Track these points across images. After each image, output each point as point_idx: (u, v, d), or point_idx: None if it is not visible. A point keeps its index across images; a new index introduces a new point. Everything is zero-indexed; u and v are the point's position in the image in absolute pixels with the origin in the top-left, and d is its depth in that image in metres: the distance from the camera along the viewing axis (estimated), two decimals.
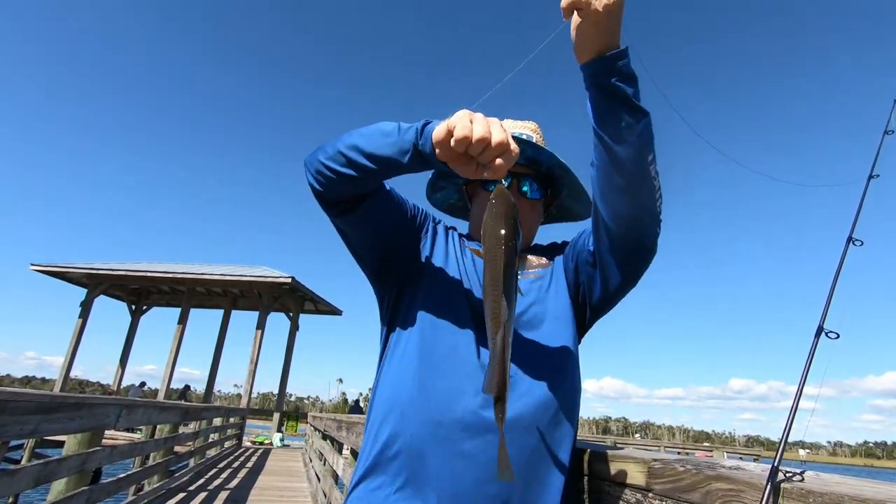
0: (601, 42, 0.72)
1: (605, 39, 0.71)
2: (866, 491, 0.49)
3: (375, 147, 0.80)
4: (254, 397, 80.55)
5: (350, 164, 0.83)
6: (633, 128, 0.75)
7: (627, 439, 35.41)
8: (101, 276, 15.92)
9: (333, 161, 0.84)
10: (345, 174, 0.84)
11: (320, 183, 0.88)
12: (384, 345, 0.98)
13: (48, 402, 2.33)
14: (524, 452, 0.80)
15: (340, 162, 0.83)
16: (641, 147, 0.76)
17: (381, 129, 0.82)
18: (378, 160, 0.80)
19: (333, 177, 0.85)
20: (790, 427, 0.68)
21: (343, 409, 69.09)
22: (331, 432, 5.44)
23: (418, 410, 0.82)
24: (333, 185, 0.87)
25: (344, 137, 0.85)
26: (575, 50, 0.75)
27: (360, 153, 0.81)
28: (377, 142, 0.80)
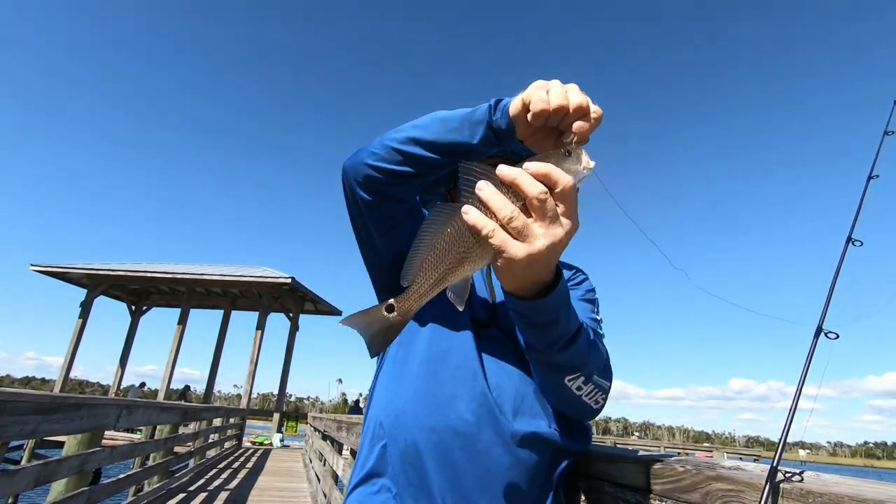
0: (520, 283, 0.64)
1: (527, 280, 0.63)
2: (866, 491, 0.49)
3: (437, 135, 0.74)
4: (254, 398, 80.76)
5: (408, 160, 0.77)
6: (543, 358, 0.72)
7: (627, 440, 35.40)
8: (101, 277, 15.93)
9: (385, 161, 0.78)
10: (401, 172, 0.78)
11: (369, 189, 0.81)
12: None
13: (48, 402, 2.33)
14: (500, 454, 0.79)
15: (395, 160, 0.77)
16: (558, 370, 0.73)
17: (438, 117, 0.76)
18: (442, 148, 0.74)
19: (386, 178, 0.79)
20: (789, 427, 0.68)
21: (343, 410, 69.17)
22: (331, 433, 5.43)
23: (412, 416, 0.81)
24: (385, 188, 0.80)
25: (392, 134, 0.79)
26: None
27: (420, 145, 0.75)
28: (438, 129, 0.75)
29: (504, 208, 0.57)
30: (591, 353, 0.72)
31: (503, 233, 0.57)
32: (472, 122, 0.72)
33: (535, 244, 0.57)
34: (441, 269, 0.63)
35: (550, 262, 0.61)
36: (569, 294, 0.68)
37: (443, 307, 0.91)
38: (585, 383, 0.73)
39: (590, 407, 0.77)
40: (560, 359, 0.70)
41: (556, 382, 0.74)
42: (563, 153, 0.62)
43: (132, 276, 15.97)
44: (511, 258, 0.58)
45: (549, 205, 0.56)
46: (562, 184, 0.57)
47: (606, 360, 0.77)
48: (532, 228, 0.57)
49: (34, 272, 15.86)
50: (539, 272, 0.62)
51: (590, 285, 0.97)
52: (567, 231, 0.58)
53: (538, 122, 0.64)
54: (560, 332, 0.68)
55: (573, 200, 0.58)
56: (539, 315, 0.66)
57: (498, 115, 0.70)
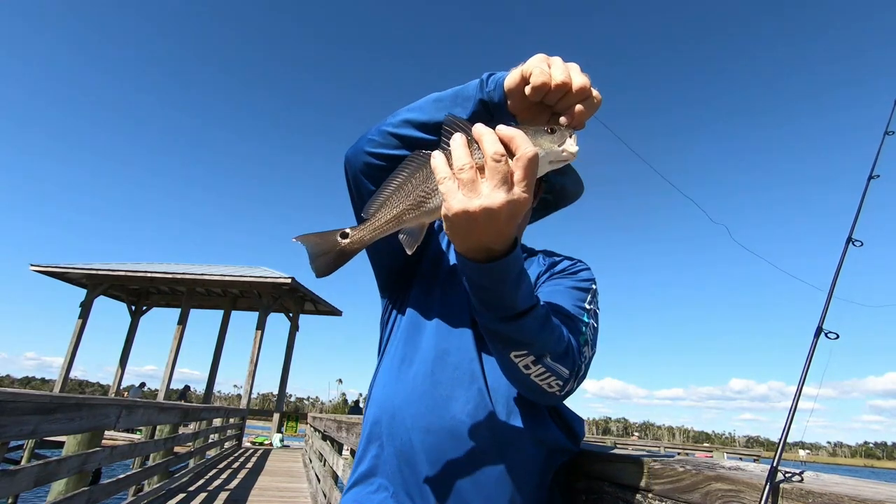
0: (471, 243, 0.61)
1: (478, 241, 0.60)
2: (865, 491, 0.49)
3: (430, 115, 0.73)
4: (254, 398, 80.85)
5: (404, 143, 0.76)
6: (486, 326, 0.70)
7: (627, 440, 35.40)
8: (101, 277, 15.92)
9: (383, 146, 0.78)
10: (398, 156, 0.76)
11: (371, 177, 0.81)
12: (382, 347, 0.99)
13: (48, 402, 2.33)
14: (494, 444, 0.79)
15: (392, 144, 0.77)
16: (503, 343, 0.70)
17: (432, 98, 0.76)
18: (436, 128, 0.72)
19: (386, 164, 0.77)
20: (789, 427, 0.68)
21: (343, 410, 69.11)
22: (331, 433, 5.43)
23: (409, 416, 0.81)
24: (386, 175, 0.80)
25: (389, 119, 0.79)
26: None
27: (415, 126, 0.75)
28: (431, 109, 0.74)
29: (460, 159, 0.57)
30: (543, 334, 0.69)
31: (451, 182, 0.57)
32: (464, 97, 0.71)
33: (473, 202, 0.56)
34: (400, 208, 0.64)
35: (491, 230, 0.58)
36: (521, 271, 0.65)
37: (445, 306, 0.91)
38: (535, 363, 0.70)
39: (542, 389, 0.73)
40: (504, 330, 0.67)
41: (504, 356, 0.71)
42: (545, 129, 0.61)
43: (132, 276, 15.97)
44: (448, 209, 0.57)
45: (500, 167, 0.55)
46: (522, 151, 0.56)
47: (567, 348, 0.73)
48: (478, 185, 0.56)
49: (34, 272, 15.86)
50: (481, 236, 0.59)
51: (588, 275, 0.96)
52: (510, 200, 0.56)
53: (537, 96, 0.62)
54: (504, 304, 0.65)
55: (529, 172, 0.56)
56: (480, 278, 0.64)
57: (491, 88, 0.68)
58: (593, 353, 0.84)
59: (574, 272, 0.96)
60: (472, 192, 0.56)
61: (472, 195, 0.56)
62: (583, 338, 0.80)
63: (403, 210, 0.64)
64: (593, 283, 0.94)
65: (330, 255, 0.70)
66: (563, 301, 0.85)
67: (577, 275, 0.95)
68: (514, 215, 0.57)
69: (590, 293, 0.91)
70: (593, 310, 0.89)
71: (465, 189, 0.56)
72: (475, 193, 0.56)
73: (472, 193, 0.56)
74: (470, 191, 0.56)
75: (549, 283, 0.93)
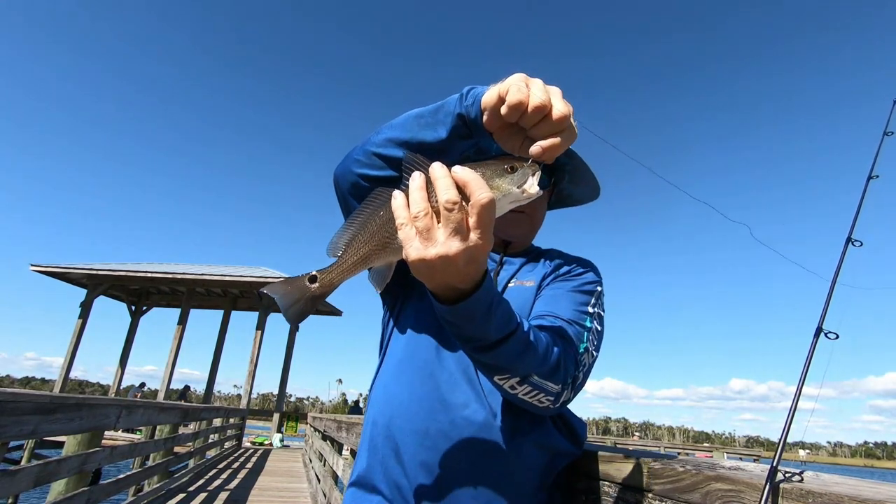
0: (440, 283, 0.60)
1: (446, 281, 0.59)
2: (865, 491, 0.49)
3: (412, 133, 0.72)
4: (254, 398, 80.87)
5: (389, 164, 0.75)
6: (466, 352, 0.70)
7: (627, 440, 35.40)
8: (101, 277, 15.92)
9: (369, 167, 0.77)
10: (384, 178, 0.76)
11: (359, 197, 0.80)
12: (383, 347, 0.99)
13: (48, 402, 2.33)
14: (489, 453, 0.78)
15: (376, 165, 0.76)
16: (484, 368, 0.70)
17: (413, 114, 0.74)
18: (418, 146, 0.71)
19: (369, 185, 0.77)
20: (789, 427, 0.68)
21: (343, 410, 69.14)
22: (331, 433, 5.43)
23: (407, 419, 0.81)
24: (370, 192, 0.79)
25: (372, 137, 0.78)
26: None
27: (397, 145, 0.73)
28: (412, 127, 0.73)
29: (416, 204, 0.55)
30: (525, 358, 0.68)
31: (409, 228, 0.55)
32: (444, 113, 0.69)
33: (429, 250, 0.54)
34: (366, 249, 0.63)
35: (451, 273, 0.56)
36: (491, 305, 0.63)
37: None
38: (520, 384, 0.70)
39: (533, 406, 0.73)
40: (481, 359, 0.68)
41: (489, 378, 0.71)
42: (504, 168, 0.59)
43: (132, 277, 15.96)
44: (406, 255, 0.56)
45: (454, 216, 0.53)
46: (476, 198, 0.53)
47: (557, 363, 0.71)
48: (433, 233, 0.54)
49: (34, 272, 15.85)
50: (444, 279, 0.58)
51: (592, 277, 0.94)
52: (465, 248, 0.54)
53: (512, 116, 0.59)
54: (476, 336, 0.65)
55: (485, 218, 0.54)
56: (448, 316, 0.63)
57: (469, 102, 0.66)
58: (595, 357, 0.83)
59: (578, 274, 0.95)
60: (427, 241, 0.54)
61: (428, 243, 0.54)
62: (583, 345, 0.79)
63: (369, 251, 0.63)
64: (598, 285, 0.93)
65: (301, 301, 0.68)
66: (566, 306, 0.85)
67: (581, 276, 0.94)
68: (472, 260, 0.56)
69: (594, 296, 0.90)
70: (597, 313, 0.88)
71: (421, 237, 0.55)
72: (430, 241, 0.54)
73: (427, 242, 0.54)
74: (425, 238, 0.54)
75: (552, 285, 0.92)
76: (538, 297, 0.91)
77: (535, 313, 0.86)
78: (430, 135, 0.71)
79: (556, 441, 0.83)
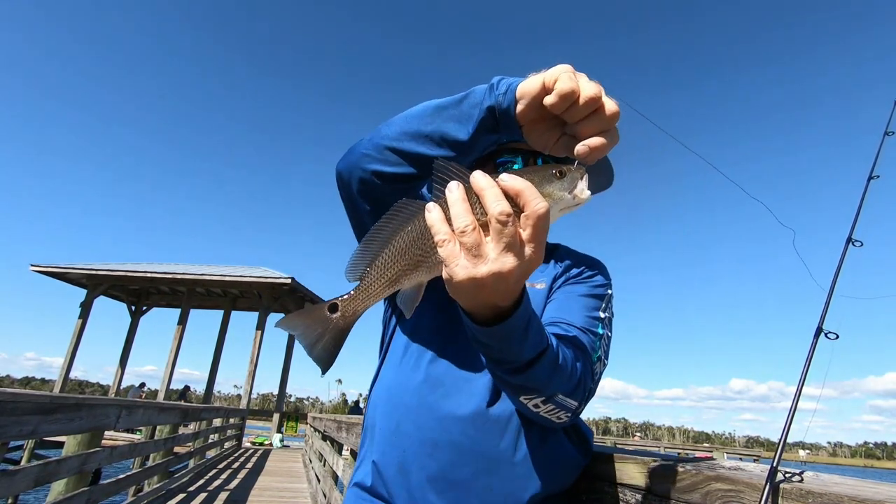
0: (475, 304, 0.56)
1: (481, 301, 0.55)
2: (865, 491, 0.49)
3: (433, 125, 0.66)
4: (254, 398, 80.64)
5: (405, 159, 0.69)
6: (494, 375, 0.68)
7: (627, 440, 35.37)
8: (101, 277, 15.91)
9: (381, 162, 0.71)
10: (397, 174, 0.70)
11: (367, 195, 0.75)
12: (384, 347, 0.95)
13: (47, 402, 2.33)
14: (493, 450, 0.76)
15: (390, 160, 0.70)
16: (511, 389, 0.68)
17: (432, 105, 0.68)
18: (438, 139, 0.66)
19: (383, 183, 0.72)
20: (789, 428, 0.68)
21: (343, 410, 69.06)
22: (331, 433, 5.43)
23: (413, 426, 0.78)
24: (384, 195, 0.72)
25: (383, 129, 0.71)
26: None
27: (414, 138, 0.67)
28: (432, 118, 0.66)
29: (461, 218, 0.50)
30: (554, 378, 0.66)
31: (453, 245, 0.50)
32: (469, 104, 0.64)
33: (479, 268, 0.50)
34: (395, 270, 0.56)
35: (499, 291, 0.52)
36: (528, 322, 0.60)
37: (451, 311, 0.87)
38: (545, 403, 0.68)
39: (549, 421, 0.72)
40: (511, 381, 0.65)
41: (512, 398, 0.70)
42: (552, 173, 0.54)
43: (132, 277, 15.96)
44: (451, 275, 0.51)
45: (508, 229, 0.48)
46: (531, 208, 0.49)
47: (578, 381, 0.70)
48: (483, 249, 0.50)
49: (34, 272, 15.84)
50: (488, 297, 0.54)
51: (601, 280, 0.91)
52: (520, 263, 0.50)
53: (559, 106, 0.53)
54: (510, 358, 0.62)
55: (541, 230, 0.50)
56: (485, 338, 0.60)
57: (501, 91, 0.60)
58: (605, 366, 0.81)
59: (589, 276, 0.92)
60: (476, 258, 0.50)
61: (478, 261, 0.50)
62: (595, 355, 0.77)
63: (398, 272, 0.56)
64: (608, 288, 0.91)
65: (326, 337, 0.60)
66: (578, 311, 0.82)
67: (592, 279, 0.91)
68: (525, 276, 0.52)
69: (604, 300, 0.88)
70: (607, 317, 0.86)
71: (469, 254, 0.50)
72: (481, 259, 0.50)
73: (476, 259, 0.50)
74: (474, 256, 0.50)
75: (563, 288, 0.90)
76: (548, 300, 0.88)
77: (546, 319, 0.83)
78: (454, 128, 0.65)
79: (567, 451, 0.81)
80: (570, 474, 0.82)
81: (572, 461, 0.82)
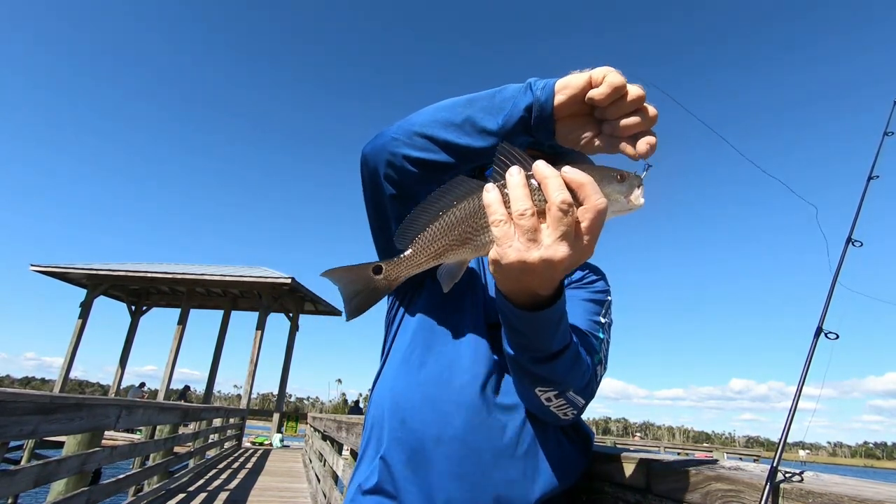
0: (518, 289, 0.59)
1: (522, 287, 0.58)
2: (865, 491, 0.49)
3: (467, 113, 0.67)
4: (253, 398, 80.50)
5: (437, 145, 0.69)
6: (517, 363, 0.69)
7: (627, 440, 35.38)
8: (101, 277, 15.91)
9: (411, 147, 0.71)
10: (424, 160, 0.70)
11: (392, 180, 0.75)
12: (387, 347, 0.95)
13: (47, 402, 2.33)
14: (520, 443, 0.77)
15: (419, 145, 0.70)
16: (531, 379, 0.69)
17: (463, 98, 0.69)
18: (469, 128, 0.66)
19: (411, 168, 0.72)
20: (789, 428, 0.68)
21: (343, 410, 69.04)
22: (331, 433, 5.43)
23: (420, 422, 0.78)
24: (409, 176, 0.73)
25: (415, 118, 0.72)
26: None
27: (447, 126, 0.68)
28: (465, 108, 0.67)
29: (520, 202, 0.52)
30: (572, 373, 0.68)
31: (508, 226, 0.53)
32: (502, 98, 0.65)
33: (531, 252, 0.52)
34: (442, 243, 0.59)
35: (545, 278, 0.54)
36: (563, 315, 0.63)
37: (460, 312, 0.87)
38: (557, 397, 0.70)
39: (556, 417, 0.74)
40: (535, 370, 0.67)
41: (528, 390, 0.71)
42: (614, 175, 0.56)
43: (132, 277, 15.96)
44: (501, 256, 0.53)
45: (567, 218, 0.50)
46: (592, 202, 0.51)
47: (589, 379, 0.72)
48: (539, 235, 0.52)
49: (34, 272, 15.85)
50: (531, 283, 0.56)
51: (602, 286, 0.93)
52: (572, 253, 0.52)
53: (610, 97, 0.56)
54: (540, 347, 0.64)
55: (597, 224, 0.52)
56: (521, 324, 0.62)
57: (538, 87, 0.61)
58: (605, 370, 0.83)
59: (591, 282, 0.93)
60: (531, 242, 0.52)
61: (532, 245, 0.52)
62: (597, 357, 0.79)
63: (446, 245, 0.58)
64: (608, 294, 0.93)
65: (363, 294, 0.65)
66: (581, 315, 0.84)
67: (593, 285, 0.93)
68: (573, 266, 0.54)
69: (605, 305, 0.90)
70: (608, 322, 0.88)
71: (524, 237, 0.52)
72: (535, 243, 0.52)
73: (531, 243, 0.52)
74: (529, 240, 0.52)
75: (567, 291, 0.89)
76: None
77: None
78: (484, 118, 0.65)
79: (568, 450, 0.82)
80: (572, 473, 0.83)
81: (574, 460, 0.82)
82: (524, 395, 0.75)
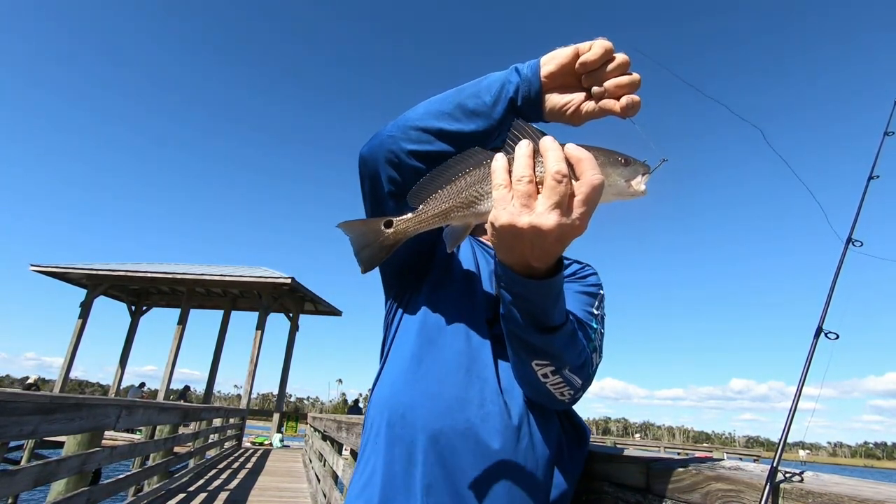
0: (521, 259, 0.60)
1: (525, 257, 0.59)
2: (865, 491, 0.49)
3: (453, 104, 0.70)
4: (253, 398, 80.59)
5: (437, 136, 0.71)
6: (514, 332, 0.69)
7: (627, 440, 35.40)
8: (101, 277, 15.92)
9: (411, 141, 0.72)
10: (422, 151, 0.72)
11: (390, 177, 0.76)
12: (386, 347, 0.95)
13: (48, 402, 2.33)
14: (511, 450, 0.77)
15: (420, 139, 0.72)
16: (528, 351, 0.70)
17: (452, 90, 0.72)
18: (465, 113, 0.69)
19: (412, 162, 0.73)
20: (789, 428, 0.68)
21: (343, 410, 69.10)
22: (330, 433, 5.43)
23: (420, 417, 0.79)
24: (407, 172, 0.74)
25: (409, 114, 0.74)
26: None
27: (442, 116, 0.70)
28: (452, 99, 0.70)
29: (520, 169, 0.54)
30: (569, 349, 0.70)
31: (506, 191, 0.55)
32: (489, 81, 0.69)
33: (522, 217, 0.53)
34: (450, 204, 0.62)
35: (535, 246, 0.56)
36: (561, 291, 0.65)
37: (458, 309, 0.88)
38: (554, 374, 0.71)
39: (553, 397, 0.74)
40: (534, 341, 0.68)
41: (525, 364, 0.72)
42: (618, 158, 0.58)
43: (132, 277, 15.96)
44: (495, 218, 0.55)
45: (561, 188, 0.52)
46: (587, 177, 0.53)
47: (586, 360, 0.74)
48: (532, 202, 0.54)
49: (34, 272, 15.85)
50: (524, 251, 0.57)
51: (596, 280, 0.95)
52: (561, 224, 0.53)
53: (598, 60, 0.61)
54: (540, 317, 0.65)
55: (591, 199, 0.53)
56: (520, 289, 0.63)
57: (524, 65, 0.67)
58: (600, 360, 0.84)
59: (584, 276, 0.95)
60: (524, 207, 0.54)
61: (524, 210, 0.54)
62: (592, 345, 0.80)
63: (452, 206, 0.62)
64: (600, 289, 0.94)
65: (374, 246, 0.68)
66: (574, 304, 0.85)
67: (585, 279, 0.95)
68: (563, 239, 0.55)
69: (598, 298, 0.91)
70: (601, 315, 0.89)
71: (518, 202, 0.54)
72: (527, 209, 0.54)
73: (523, 209, 0.54)
74: (522, 205, 0.54)
75: None
76: None
77: None
78: (473, 101, 0.69)
79: (568, 443, 0.82)
80: (574, 467, 0.83)
81: (574, 455, 0.83)
82: (521, 372, 0.75)
